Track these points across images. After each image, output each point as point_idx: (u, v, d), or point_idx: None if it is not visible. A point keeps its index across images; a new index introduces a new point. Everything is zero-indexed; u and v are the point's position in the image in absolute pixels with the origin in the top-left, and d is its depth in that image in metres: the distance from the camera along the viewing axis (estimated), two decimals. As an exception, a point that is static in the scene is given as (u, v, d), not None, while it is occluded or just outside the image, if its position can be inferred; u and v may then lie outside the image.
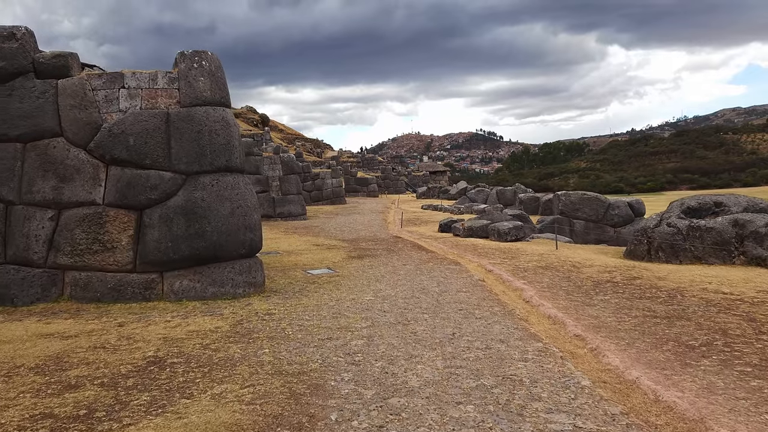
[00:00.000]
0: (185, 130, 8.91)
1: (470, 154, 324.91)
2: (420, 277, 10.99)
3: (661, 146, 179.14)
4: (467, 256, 13.82)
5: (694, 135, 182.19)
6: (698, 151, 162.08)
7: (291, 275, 11.43)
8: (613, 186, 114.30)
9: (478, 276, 11.03)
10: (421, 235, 19.37)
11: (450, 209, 31.93)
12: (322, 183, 42.71)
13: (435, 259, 13.63)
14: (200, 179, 8.97)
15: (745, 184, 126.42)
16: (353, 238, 18.99)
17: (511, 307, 8.22)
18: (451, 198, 47.65)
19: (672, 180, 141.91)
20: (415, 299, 8.83)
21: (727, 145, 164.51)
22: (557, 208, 22.73)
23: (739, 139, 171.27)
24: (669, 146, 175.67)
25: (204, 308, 8.30)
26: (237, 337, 6.66)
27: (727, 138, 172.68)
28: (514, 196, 39.12)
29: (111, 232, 8.75)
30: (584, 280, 10.13)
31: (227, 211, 8.98)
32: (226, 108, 9.40)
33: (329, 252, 15.23)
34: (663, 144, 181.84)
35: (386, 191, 61.16)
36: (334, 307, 8.34)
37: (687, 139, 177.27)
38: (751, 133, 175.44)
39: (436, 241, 17.20)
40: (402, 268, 12.24)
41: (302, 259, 13.78)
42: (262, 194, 28.08)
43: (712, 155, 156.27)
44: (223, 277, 9.02)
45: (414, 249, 15.73)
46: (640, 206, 22.79)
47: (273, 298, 9.08)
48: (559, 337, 6.58)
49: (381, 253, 14.83)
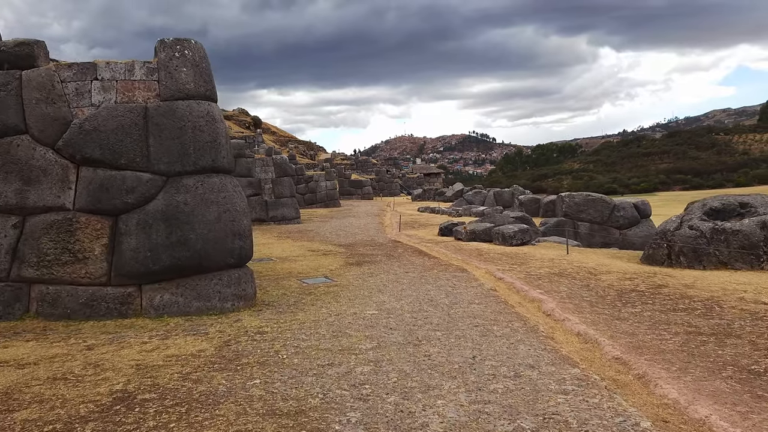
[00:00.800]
0: (166, 126, 7.98)
1: (463, 156, 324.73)
2: (426, 286, 10.09)
3: (653, 147, 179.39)
4: (473, 261, 12.94)
5: (686, 136, 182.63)
6: (690, 151, 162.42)
7: (285, 285, 10.50)
8: (607, 187, 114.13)
9: (488, 285, 10.14)
10: (421, 239, 18.48)
11: (448, 212, 31.08)
12: (315, 186, 41.77)
13: (439, 265, 12.74)
14: (183, 181, 8.04)
15: (738, 184, 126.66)
16: (350, 243, 18.08)
17: (533, 321, 7.33)
18: (448, 200, 46.82)
19: (665, 181, 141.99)
20: (424, 313, 7.93)
21: (719, 146, 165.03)
22: (561, 209, 21.91)
23: (730, 139, 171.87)
24: (661, 147, 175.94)
25: (187, 326, 7.36)
26: (223, 362, 5.74)
27: (719, 139, 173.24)
28: (512, 197, 38.35)
29: (82, 241, 7.81)
30: (606, 288, 9.27)
31: (213, 216, 8.06)
32: (211, 102, 8.49)
33: (325, 258, 14.31)
34: (655, 145, 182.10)
35: (381, 194, 60.27)
36: (333, 323, 7.42)
37: (679, 140, 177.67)
38: (742, 133, 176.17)
39: (438, 246, 16.32)
40: (405, 276, 11.34)
41: (297, 267, 12.85)
42: (254, 197, 27.12)
43: (705, 156, 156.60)
44: (208, 289, 8.08)
45: (415, 254, 14.84)
46: (645, 207, 22.01)
47: (265, 312, 8.16)
48: (596, 360, 5.70)
49: (381, 259, 13.92)
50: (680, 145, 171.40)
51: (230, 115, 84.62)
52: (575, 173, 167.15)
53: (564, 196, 22.01)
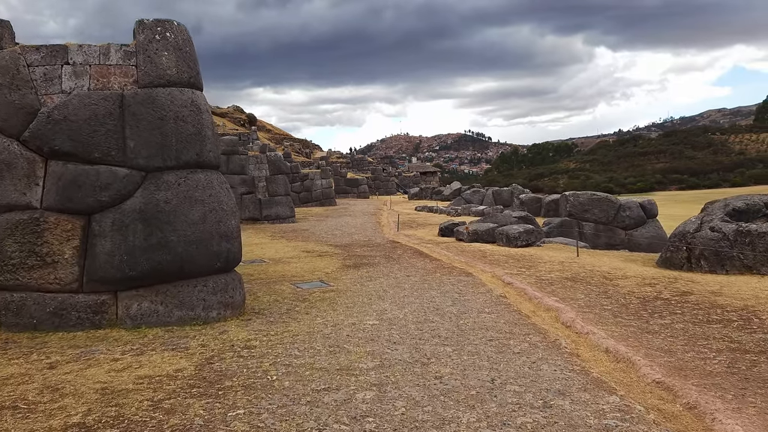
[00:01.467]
0: (144, 116, 7.19)
1: (459, 155, 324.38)
2: (430, 292, 9.32)
3: (649, 147, 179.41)
4: (477, 264, 12.19)
5: (683, 135, 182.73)
6: (687, 151, 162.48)
7: (277, 290, 9.72)
8: (603, 186, 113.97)
9: (497, 291, 9.38)
10: (421, 240, 17.73)
11: (446, 211, 30.34)
12: (311, 184, 40.96)
13: (441, 268, 11.98)
14: (163, 177, 7.25)
15: (734, 184, 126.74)
16: (347, 244, 17.31)
17: (552, 335, 6.58)
18: (445, 199, 46.09)
19: (661, 180, 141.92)
20: (430, 324, 7.17)
21: (716, 146, 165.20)
22: (565, 209, 21.19)
23: (727, 139, 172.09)
24: (658, 147, 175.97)
25: (167, 338, 6.58)
26: (203, 386, 4.96)
27: (715, 138, 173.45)
28: (512, 196, 37.67)
29: (51, 243, 7.01)
30: (626, 296, 8.53)
31: (197, 215, 7.27)
32: (195, 90, 7.69)
33: (321, 260, 13.53)
34: (652, 144, 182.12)
35: (377, 192, 59.49)
36: (330, 335, 6.65)
37: (675, 140, 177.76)
38: (738, 133, 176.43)
39: (438, 247, 15.56)
40: (406, 280, 10.57)
41: (291, 270, 12.06)
42: (247, 195, 26.32)
43: (701, 155, 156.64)
44: (192, 297, 7.29)
45: (416, 256, 14.07)
46: (652, 207, 21.32)
47: (254, 322, 7.38)
48: (634, 385, 4.95)
49: (379, 262, 13.15)
50: (676, 144, 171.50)
51: (225, 113, 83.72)
52: (571, 172, 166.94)
53: (568, 195, 21.29)
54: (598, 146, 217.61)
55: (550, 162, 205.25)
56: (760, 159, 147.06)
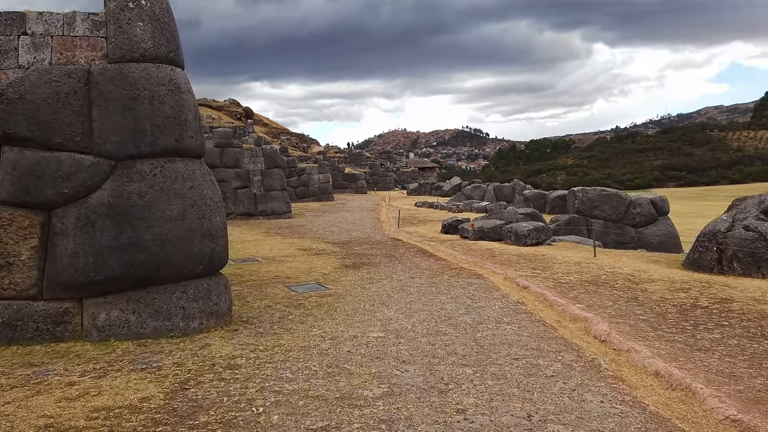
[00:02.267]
0: (114, 96, 6.22)
1: (456, 151, 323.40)
2: (439, 297, 8.39)
3: (647, 143, 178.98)
4: (487, 264, 11.26)
5: (681, 132, 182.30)
6: (685, 148, 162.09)
7: (270, 294, 8.77)
8: (601, 183, 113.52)
9: (513, 296, 8.45)
10: (423, 237, 16.79)
11: (448, 207, 29.40)
12: (308, 178, 40.00)
13: (449, 268, 11.05)
14: (136, 166, 6.28)
15: (732, 181, 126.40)
16: (345, 241, 16.36)
17: (588, 352, 5.66)
18: (445, 195, 45.15)
19: (659, 177, 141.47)
20: (443, 337, 6.24)
21: (714, 143, 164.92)
22: (573, 205, 20.27)
23: (725, 136, 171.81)
24: (655, 143, 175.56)
25: (137, 354, 5.63)
26: (171, 421, 4.02)
27: (714, 135, 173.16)
28: (513, 192, 36.76)
29: (5, 242, 6.04)
30: (660, 303, 7.61)
31: (176, 211, 6.31)
32: (175, 67, 6.72)
33: (318, 259, 12.57)
34: (650, 141, 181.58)
35: (375, 188, 58.53)
36: (328, 351, 5.72)
37: (673, 137, 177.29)
38: (736, 130, 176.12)
39: (443, 245, 14.63)
40: (411, 282, 9.64)
41: (285, 270, 11.11)
42: (242, 190, 25.35)
43: (699, 152, 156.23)
44: (169, 305, 6.34)
45: (419, 255, 13.13)
46: (663, 204, 20.42)
47: (242, 333, 6.44)
48: (703, 423, 4.02)
49: (381, 261, 12.21)
50: (674, 141, 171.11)
51: (221, 106, 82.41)
52: (569, 169, 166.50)
53: (577, 191, 20.37)
54: (595, 143, 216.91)
55: (548, 158, 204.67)
56: (758, 156, 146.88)
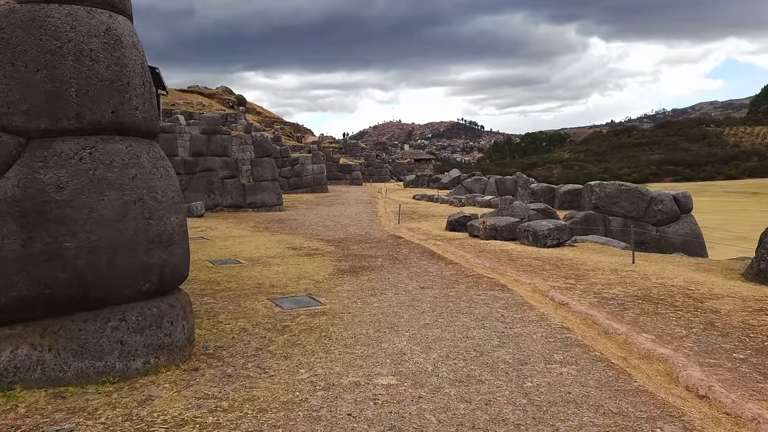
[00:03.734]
0: (25, 48, 4.46)
1: (451, 144, 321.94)
2: (460, 318, 6.68)
3: (644, 138, 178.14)
4: (508, 271, 9.58)
5: (677, 127, 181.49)
6: (681, 143, 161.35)
7: (248, 310, 7.05)
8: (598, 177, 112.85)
9: (553, 316, 6.76)
10: (427, 235, 15.10)
11: (449, 200, 27.73)
12: (301, 169, 38.21)
13: (464, 275, 9.36)
14: (55, 146, 4.52)
15: (729, 176, 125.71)
16: (341, 238, 14.64)
17: (695, 420, 3.97)
18: (444, 187, 43.48)
19: (656, 172, 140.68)
20: (480, 387, 4.54)
21: (710, 138, 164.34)
22: (589, 201, 18.62)
23: (721, 132, 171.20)
24: (652, 138, 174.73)
25: (47, 412, 3.92)
26: None
27: (710, 131, 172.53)
28: (515, 185, 35.17)
29: None
30: (747, 332, 5.93)
31: (113, 209, 4.57)
32: (116, 13, 4.95)
33: (310, 261, 10.85)
34: (646, 136, 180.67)
35: (370, 179, 56.79)
36: (320, 413, 4.01)
37: (670, 131, 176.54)
38: (733, 126, 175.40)
39: (451, 245, 12.95)
40: (422, 294, 7.94)
41: (270, 275, 9.38)
42: (229, 180, 23.56)
43: (696, 147, 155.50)
44: (101, 338, 4.61)
45: (426, 257, 11.44)
46: (687, 201, 18.84)
47: (202, 377, 4.72)
48: None
49: (383, 264, 10.51)
50: (671, 136, 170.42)
51: (213, 93, 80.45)
52: (565, 162, 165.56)
53: (594, 185, 18.70)
54: (591, 136, 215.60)
55: (544, 152, 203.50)
56: (755, 152, 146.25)
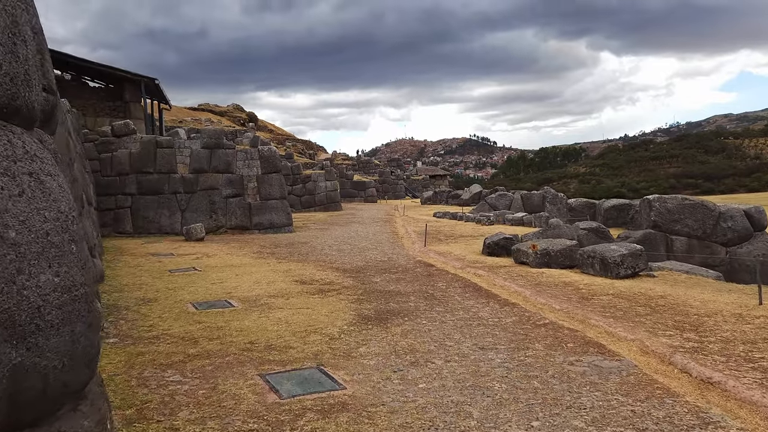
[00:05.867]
0: None
1: (464, 160, 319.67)
2: (569, 419, 4.13)
3: (661, 151, 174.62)
4: (589, 316, 7.03)
5: (695, 139, 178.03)
6: (700, 156, 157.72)
7: (226, 402, 4.54)
8: (615, 191, 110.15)
9: (720, 416, 4.21)
10: (462, 261, 12.58)
11: (475, 218, 25.17)
12: (314, 186, 35.93)
13: (531, 324, 6.82)
14: None
15: (751, 189, 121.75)
16: (359, 266, 12.16)
17: None
18: (464, 204, 40.91)
19: (675, 185, 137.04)
20: None
21: (729, 150, 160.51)
22: (647, 218, 15.98)
23: (741, 143, 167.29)
24: (670, 151, 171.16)
25: None
26: None
27: (729, 143, 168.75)
28: (543, 201, 32.57)
29: None
30: None
31: None
32: None
33: (322, 302, 8.36)
34: (663, 149, 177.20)
35: (385, 196, 54.44)
36: None
37: (687, 144, 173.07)
38: (753, 137, 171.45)
39: (497, 275, 10.43)
40: (485, 362, 5.40)
41: (269, 327, 6.89)
42: (234, 199, 21.22)
43: (715, 160, 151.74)
44: None
45: (471, 292, 8.92)
46: (761, 217, 16.15)
47: None
48: None
49: (417, 305, 8.00)
50: (689, 149, 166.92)
51: (224, 111, 78.81)
52: (581, 177, 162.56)
53: (652, 200, 16.07)
54: (607, 150, 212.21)
55: (558, 166, 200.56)
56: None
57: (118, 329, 6.77)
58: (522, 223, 22.87)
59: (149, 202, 20.10)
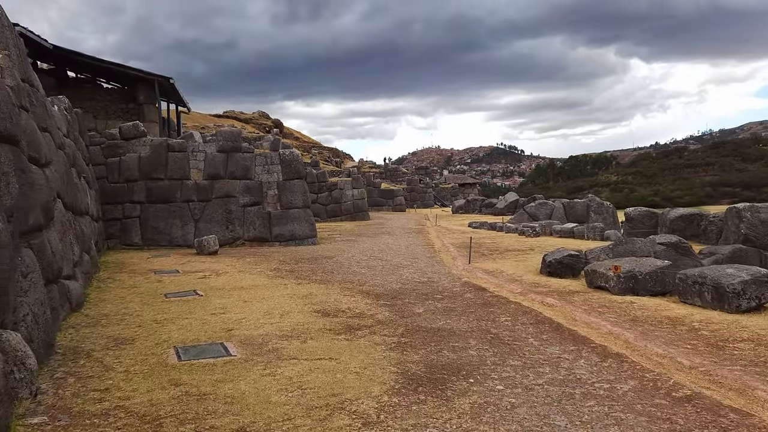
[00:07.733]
0: None
1: (491, 168, 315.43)
2: None
3: (696, 159, 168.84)
4: (744, 380, 4.68)
5: (731, 147, 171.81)
6: (737, 163, 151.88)
7: None
8: (649, 200, 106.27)
9: None
10: (520, 282, 10.27)
11: (518, 229, 22.74)
12: (340, 194, 33.84)
13: (671, 398, 4.49)
14: None
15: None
16: (395, 290, 9.91)
17: None
18: (499, 213, 38.43)
19: (711, 194, 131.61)
20: None
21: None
22: (737, 231, 13.41)
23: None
24: (705, 159, 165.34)
25: None
26: None
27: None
28: (587, 210, 29.94)
29: None
30: None
31: None
32: None
33: (351, 349, 6.13)
34: (698, 156, 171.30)
35: (414, 205, 52.18)
36: None
37: (724, 152, 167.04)
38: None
39: (572, 305, 8.10)
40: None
41: (272, 396, 4.69)
42: (252, 208, 19.18)
43: (753, 168, 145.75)
44: None
45: (552, 335, 6.60)
46: None
47: None
48: None
49: (481, 356, 5.72)
50: (725, 156, 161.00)
51: (249, 118, 77.47)
52: (613, 185, 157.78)
53: (742, 210, 13.50)
54: (640, 158, 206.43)
55: (588, 175, 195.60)
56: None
57: (56, 396, 4.65)
58: (572, 234, 20.38)
59: (159, 211, 18.19)
